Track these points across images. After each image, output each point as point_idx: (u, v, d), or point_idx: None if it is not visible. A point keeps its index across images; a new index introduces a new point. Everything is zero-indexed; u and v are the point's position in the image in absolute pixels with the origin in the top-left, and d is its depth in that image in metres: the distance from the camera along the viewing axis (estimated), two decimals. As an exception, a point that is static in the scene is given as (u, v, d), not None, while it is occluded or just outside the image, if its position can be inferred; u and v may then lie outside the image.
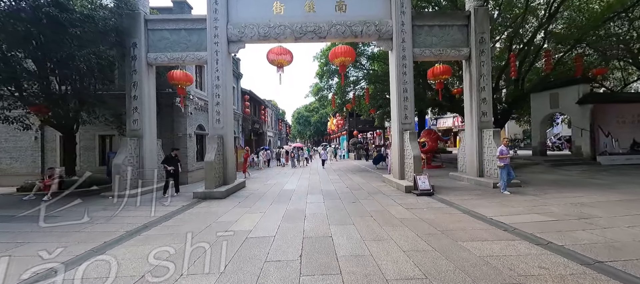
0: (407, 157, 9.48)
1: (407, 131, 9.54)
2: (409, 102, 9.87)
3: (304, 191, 9.56)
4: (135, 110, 9.86)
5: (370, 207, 6.86)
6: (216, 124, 9.77)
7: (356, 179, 12.53)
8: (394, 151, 10.29)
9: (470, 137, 10.31)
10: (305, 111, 58.66)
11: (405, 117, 9.85)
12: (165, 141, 12.52)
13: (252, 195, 9.12)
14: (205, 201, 8.26)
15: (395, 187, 9.57)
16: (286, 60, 10.06)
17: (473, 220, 5.59)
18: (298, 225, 5.47)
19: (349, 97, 20.51)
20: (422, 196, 8.04)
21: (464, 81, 10.69)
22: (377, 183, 10.95)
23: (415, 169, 8.85)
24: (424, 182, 8.41)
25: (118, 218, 6.27)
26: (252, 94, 22.85)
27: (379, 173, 14.26)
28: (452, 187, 9.28)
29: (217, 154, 9.27)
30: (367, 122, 31.15)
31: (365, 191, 9.36)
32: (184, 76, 9.97)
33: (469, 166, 10.44)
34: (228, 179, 9.83)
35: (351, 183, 11.22)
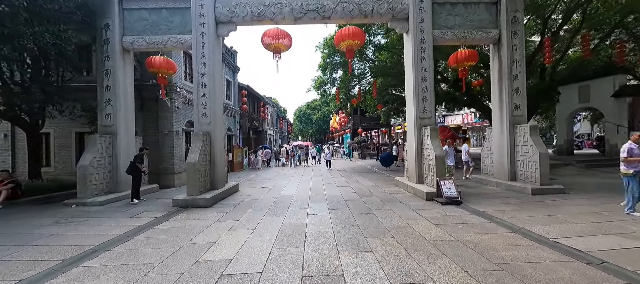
0: (427, 158, 8.02)
1: (427, 127, 8.07)
2: (428, 92, 8.40)
3: (305, 197, 8.13)
4: (107, 103, 8.46)
5: (388, 222, 5.42)
6: (202, 118, 8.36)
7: (364, 182, 11.08)
8: (410, 150, 8.83)
9: (499, 135, 8.82)
10: (307, 109, 57.30)
11: (424, 110, 8.38)
12: (149, 139, 11.14)
13: (243, 202, 7.71)
14: (186, 210, 6.85)
15: (412, 193, 8.12)
16: (284, 45, 8.61)
17: (532, 244, 4.13)
18: (295, 252, 4.04)
19: (354, 92, 19.05)
20: (449, 206, 6.59)
21: (491, 69, 9.19)
22: (389, 187, 9.49)
23: (438, 172, 7.38)
24: (450, 189, 6.95)
25: (64, 237, 4.87)
26: (250, 89, 21.43)
27: (389, 175, 12.81)
28: (480, 194, 7.82)
29: (203, 154, 7.86)
30: (372, 120, 29.67)
31: (377, 197, 7.91)
32: (165, 62, 8.55)
33: (498, 168, 8.95)
34: (216, 183, 8.42)
35: (359, 187, 9.77)
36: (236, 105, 19.57)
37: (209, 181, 8.18)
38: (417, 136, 8.38)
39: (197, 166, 7.45)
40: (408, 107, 9.01)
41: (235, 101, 19.56)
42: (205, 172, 7.94)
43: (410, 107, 8.68)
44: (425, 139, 8.06)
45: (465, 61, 8.53)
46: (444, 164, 7.50)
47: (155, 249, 4.26)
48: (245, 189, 10.18)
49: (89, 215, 6.42)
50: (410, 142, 8.77)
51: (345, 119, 30.81)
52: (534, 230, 4.66)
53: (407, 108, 9.09)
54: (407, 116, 9.14)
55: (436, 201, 7.02)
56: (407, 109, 9.16)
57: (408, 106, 9.00)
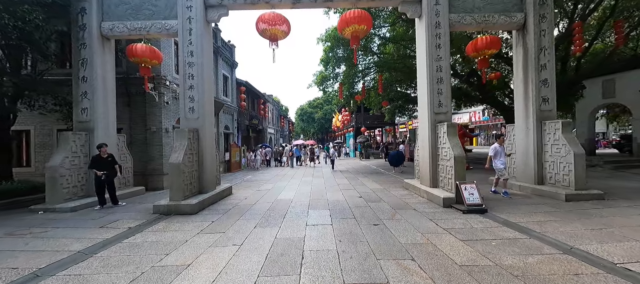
0: (443, 158, 7.04)
1: (443, 123, 7.09)
2: (444, 84, 7.42)
3: (305, 203, 7.19)
4: (84, 96, 7.57)
5: (404, 237, 4.46)
6: (189, 113, 7.44)
7: (370, 184, 10.12)
8: (423, 150, 7.86)
9: (524, 133, 7.82)
10: (309, 107, 56.41)
11: (440, 105, 7.40)
12: (137, 138, 10.28)
13: (235, 208, 6.79)
14: (167, 218, 5.95)
15: (426, 199, 7.16)
16: (281, 31, 7.65)
17: (598, 272, 3.16)
18: (288, 282, 3.11)
19: (357, 89, 18.07)
20: (472, 215, 5.63)
21: (514, 59, 8.18)
22: (398, 191, 8.53)
23: (457, 174, 6.41)
24: (473, 194, 5.98)
25: (6, 256, 3.97)
26: (249, 86, 20.53)
27: (397, 176, 11.85)
28: (504, 200, 6.84)
29: (189, 153, 6.95)
30: (376, 118, 28.68)
31: (386, 203, 6.95)
32: (149, 51, 7.63)
33: (522, 170, 7.95)
34: (205, 185, 7.50)
35: (365, 191, 8.81)
36: (234, 102, 18.67)
37: (196, 183, 7.27)
38: (431, 133, 7.40)
39: (182, 167, 6.53)
40: (421, 101, 8.03)
41: (233, 97, 18.67)
42: (191, 174, 7.02)
43: (424, 101, 7.70)
44: (442, 138, 7.08)
45: (487, 49, 7.52)
46: (464, 166, 6.51)
47: (110, 276, 3.34)
48: (240, 192, 9.27)
49: (53, 224, 5.52)
50: (423, 141, 7.80)
51: (348, 117, 29.82)
52: (590, 250, 3.69)
53: (420, 103, 8.11)
54: (420, 112, 8.16)
55: (456, 208, 6.05)
56: (419, 103, 8.19)
57: (421, 101, 8.02)
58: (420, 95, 8.07)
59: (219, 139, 15.80)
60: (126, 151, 8.89)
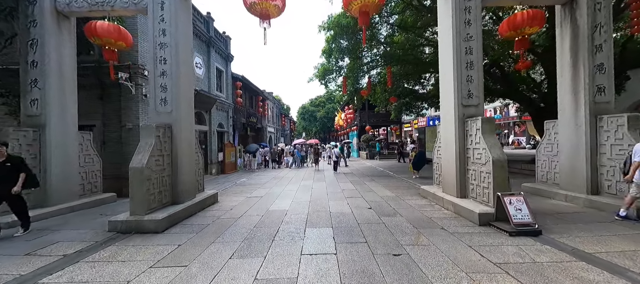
0: (475, 162, 5.61)
1: (475, 118, 5.66)
2: (475, 70, 5.99)
3: (302, 216, 5.81)
4: (33, 84, 6.24)
5: (439, 278, 3.06)
6: (160, 106, 6.08)
7: (380, 190, 8.70)
8: (447, 151, 6.44)
9: (572, 130, 6.37)
10: (311, 106, 55.09)
11: (469, 95, 5.98)
12: (111, 136, 8.96)
13: (215, 223, 5.43)
14: (125, 238, 4.61)
15: (453, 212, 5.75)
16: (273, 7, 6.25)
17: None
18: None
19: (362, 84, 16.66)
20: (523, 238, 4.22)
21: (558, 41, 6.72)
22: (415, 200, 7.13)
23: (497, 183, 4.99)
24: (521, 210, 4.56)
25: None
26: (245, 81, 19.17)
27: (409, 180, 10.42)
28: (552, 214, 5.41)
29: (157, 155, 5.58)
30: (381, 116, 27.22)
31: (403, 217, 5.54)
32: (114, 31, 6.28)
33: (567, 176, 6.50)
34: (181, 194, 6.13)
35: (375, 199, 7.40)
36: (229, 98, 17.34)
37: (167, 192, 5.89)
38: (458, 131, 5.98)
39: (146, 173, 5.16)
40: (443, 92, 6.60)
41: (228, 93, 17.33)
42: (160, 180, 5.65)
43: (448, 92, 6.28)
44: (473, 136, 5.66)
45: (528, 26, 6.06)
46: (505, 172, 5.09)
47: None
48: (227, 199, 7.91)
49: (-34, 249, 4.19)
50: (447, 141, 6.38)
51: (351, 115, 28.38)
52: None
53: (442, 94, 6.68)
54: (442, 105, 6.73)
55: (497, 227, 4.63)
56: (441, 95, 6.75)
57: (444, 91, 6.59)
58: (442, 84, 6.64)
59: (211, 137, 14.47)
60: (93, 151, 7.55)
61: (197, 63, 13.34)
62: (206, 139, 14.29)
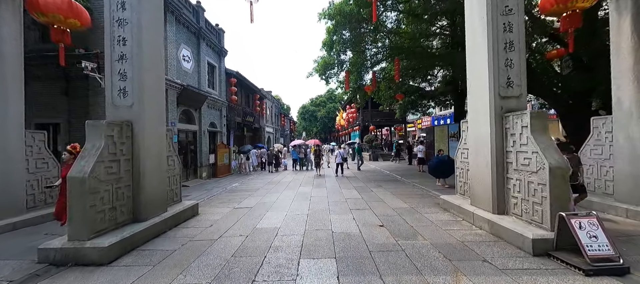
0: (520, 170, 4.34)
1: (520, 114, 4.40)
2: (516, 52, 4.73)
3: (296, 238, 4.55)
4: (-40, 71, 5.01)
5: None
6: (118, 98, 4.84)
7: (390, 199, 7.44)
8: (478, 154, 5.17)
9: (636, 127, 5.10)
10: (311, 106, 53.91)
11: (509, 84, 4.72)
12: (76, 135, 7.74)
13: (184, 247, 4.19)
14: (58, 273, 3.44)
15: (488, 232, 4.50)
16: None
17: None
18: None
19: (366, 81, 15.41)
20: (605, 278, 2.99)
21: (611, 19, 5.46)
22: (434, 212, 5.87)
23: (556, 199, 3.73)
24: (596, 238, 3.32)
25: None
26: (241, 77, 17.93)
27: (418, 185, 9.15)
28: (618, 236, 4.14)
29: (109, 160, 4.35)
30: (385, 116, 25.95)
31: (428, 241, 4.28)
32: (65, 5, 5.06)
33: (627, 186, 5.24)
34: (146, 208, 4.89)
35: (386, 213, 6.13)
36: (223, 95, 16.11)
37: (126, 207, 4.65)
38: (494, 129, 4.71)
39: (90, 184, 3.92)
40: (473, 82, 5.34)
41: (222, 90, 16.10)
42: (114, 193, 4.40)
43: (480, 80, 5.02)
44: (518, 136, 4.39)
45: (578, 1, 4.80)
46: (567, 185, 3.83)
47: None
48: (210, 211, 6.66)
49: None
50: (478, 142, 5.11)
51: (353, 114, 27.12)
52: None
53: (471, 84, 5.41)
54: (471, 98, 5.46)
55: (562, 261, 3.37)
56: (469, 85, 5.49)
57: (473, 80, 5.33)
58: (472, 72, 5.38)
59: (201, 138, 13.24)
60: (47, 154, 6.32)
61: (184, 56, 12.12)
62: (196, 140, 13.07)
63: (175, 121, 10.87)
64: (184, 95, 11.40)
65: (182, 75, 11.83)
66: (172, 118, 10.72)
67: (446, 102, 19.93)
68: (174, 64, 10.98)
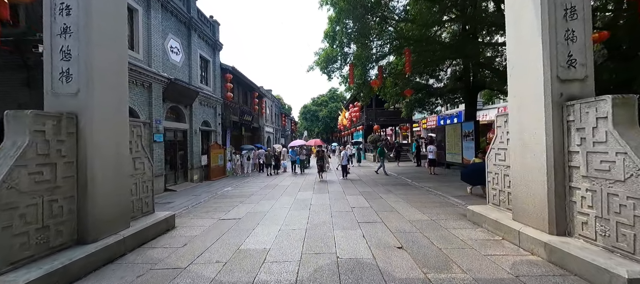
0: (593, 177, 3.18)
1: (594, 102, 3.25)
2: (579, 21, 3.59)
3: (290, 268, 3.43)
4: None
5: None
6: (59, 83, 3.76)
7: (404, 208, 6.29)
8: (521, 155, 4.02)
9: None
10: (313, 105, 52.87)
11: (570, 62, 3.58)
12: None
13: (136, 282, 3.09)
14: None
15: (546, 259, 3.36)
16: None
17: None
18: None
19: (371, 76, 14.29)
20: None
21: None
22: (462, 227, 4.73)
23: (666, 221, 2.57)
24: None
25: None
26: (236, 73, 16.83)
27: (433, 190, 7.98)
28: None
29: (39, 165, 3.25)
30: (390, 115, 24.76)
31: (468, 276, 3.13)
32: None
33: None
34: (94, 227, 3.78)
35: (403, 227, 4.99)
36: (217, 92, 15.03)
37: (66, 226, 3.54)
38: (551, 122, 3.57)
39: (3, 198, 2.82)
40: (516, 60, 4.19)
41: (217, 87, 15.03)
42: (47, 208, 3.30)
43: (529, 57, 3.87)
44: (593, 131, 3.24)
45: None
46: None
47: None
48: (189, 223, 5.56)
49: None
50: (525, 139, 3.96)
51: (356, 113, 25.96)
52: None
53: (513, 64, 4.26)
54: (512, 83, 4.31)
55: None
56: (510, 66, 4.33)
57: (517, 59, 4.17)
58: (514, 51, 4.23)
59: (192, 138, 12.16)
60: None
61: (172, 47, 11.05)
62: (186, 140, 11.99)
63: (160, 118, 9.80)
64: (171, 90, 10.34)
65: (169, 68, 10.77)
66: (157, 115, 9.66)
67: (455, 100, 18.77)
68: (159, 54, 9.91)
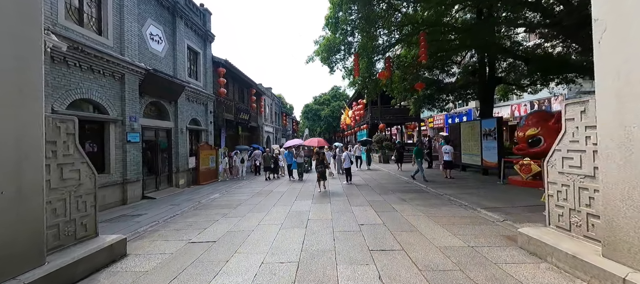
0: None
1: None
2: None
3: None
4: None
5: None
6: None
7: (427, 227, 4.89)
8: (624, 159, 2.59)
9: None
10: (315, 104, 51.54)
11: None
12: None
13: None
14: None
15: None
16: None
17: None
18: None
19: (378, 69, 12.91)
20: None
21: None
22: (523, 263, 3.33)
23: None
24: None
25: None
26: (230, 67, 15.46)
27: (453, 197, 6.54)
28: None
29: None
30: (396, 113, 23.34)
31: None
32: None
33: None
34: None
35: (433, 260, 3.59)
36: (208, 87, 13.71)
37: None
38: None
39: None
40: (611, 15, 2.77)
41: (208, 81, 13.71)
42: None
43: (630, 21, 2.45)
44: None
45: None
46: None
47: None
48: (146, 250, 4.22)
49: None
50: (633, 139, 2.55)
51: (360, 111, 24.54)
52: None
53: (602, 23, 2.85)
54: (603, 53, 2.90)
55: None
56: (596, 26, 2.93)
57: (613, 13, 2.76)
58: (608, 7, 2.81)
59: (177, 137, 10.85)
60: None
61: (152, 35, 9.73)
62: (170, 140, 10.67)
63: (136, 115, 8.48)
64: (150, 82, 9.03)
65: (148, 57, 9.46)
66: (132, 112, 8.34)
67: (467, 96, 17.33)
68: (135, 41, 8.59)
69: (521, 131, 8.94)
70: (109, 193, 7.49)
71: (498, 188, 8.25)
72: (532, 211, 5.59)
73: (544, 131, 8.36)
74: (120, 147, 7.97)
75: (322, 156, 9.14)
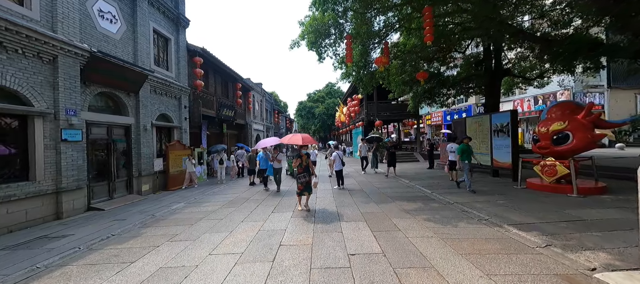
0: None
1: None
2: None
3: None
4: None
5: None
6: None
7: (446, 261, 3.40)
8: None
9: None
10: (309, 101, 49.96)
11: None
12: None
13: None
14: None
15: None
16: None
17: None
18: None
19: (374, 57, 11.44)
20: None
21: None
22: None
23: None
24: None
25: None
26: (208, 56, 13.74)
27: (467, 207, 5.07)
28: None
29: None
30: (393, 109, 21.91)
31: None
32: None
33: None
34: None
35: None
36: (182, 79, 12.06)
37: None
38: None
39: None
40: None
41: (181, 72, 12.05)
42: None
43: None
44: None
45: None
46: None
47: None
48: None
49: None
50: None
51: (356, 107, 23.04)
52: None
53: None
54: None
55: None
56: None
57: None
58: None
59: (140, 135, 9.23)
60: None
61: (102, 11, 8.08)
62: (131, 139, 9.05)
63: (75, 108, 6.85)
64: (97, 68, 7.40)
65: (97, 39, 7.81)
66: (70, 103, 6.71)
67: (469, 90, 15.94)
68: (74, 17, 6.92)
69: (543, 126, 7.52)
70: (32, 207, 5.88)
71: (517, 194, 6.84)
72: (578, 230, 4.17)
73: (572, 126, 6.95)
74: (52, 147, 6.35)
75: (306, 160, 6.15)
